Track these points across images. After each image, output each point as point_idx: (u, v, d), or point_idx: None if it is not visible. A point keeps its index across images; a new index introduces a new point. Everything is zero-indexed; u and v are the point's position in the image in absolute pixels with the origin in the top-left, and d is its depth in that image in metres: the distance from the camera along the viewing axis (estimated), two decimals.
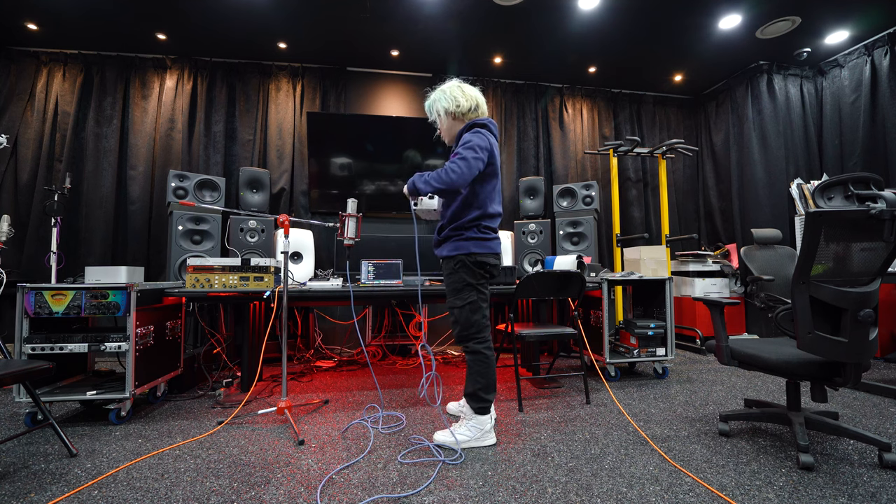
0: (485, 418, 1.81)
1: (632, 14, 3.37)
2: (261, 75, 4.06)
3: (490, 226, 1.89)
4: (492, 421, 1.84)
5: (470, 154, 1.72)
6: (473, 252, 1.82)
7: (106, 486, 1.47)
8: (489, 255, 1.87)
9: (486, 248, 1.86)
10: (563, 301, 3.38)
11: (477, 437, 1.79)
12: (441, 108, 1.91)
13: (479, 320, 1.85)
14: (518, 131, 4.50)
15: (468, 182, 1.73)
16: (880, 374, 2.86)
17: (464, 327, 1.84)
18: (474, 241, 1.83)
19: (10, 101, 3.65)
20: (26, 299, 2.01)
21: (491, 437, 1.83)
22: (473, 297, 1.84)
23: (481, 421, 1.81)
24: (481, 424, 1.80)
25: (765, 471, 1.56)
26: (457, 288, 1.84)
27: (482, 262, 1.84)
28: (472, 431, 1.79)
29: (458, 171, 1.69)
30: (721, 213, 4.60)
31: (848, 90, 3.83)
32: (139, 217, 3.73)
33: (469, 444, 1.78)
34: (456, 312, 1.85)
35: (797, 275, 1.48)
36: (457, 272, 1.83)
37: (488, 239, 1.88)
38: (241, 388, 2.64)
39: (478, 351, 1.84)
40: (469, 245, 1.82)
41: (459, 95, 1.88)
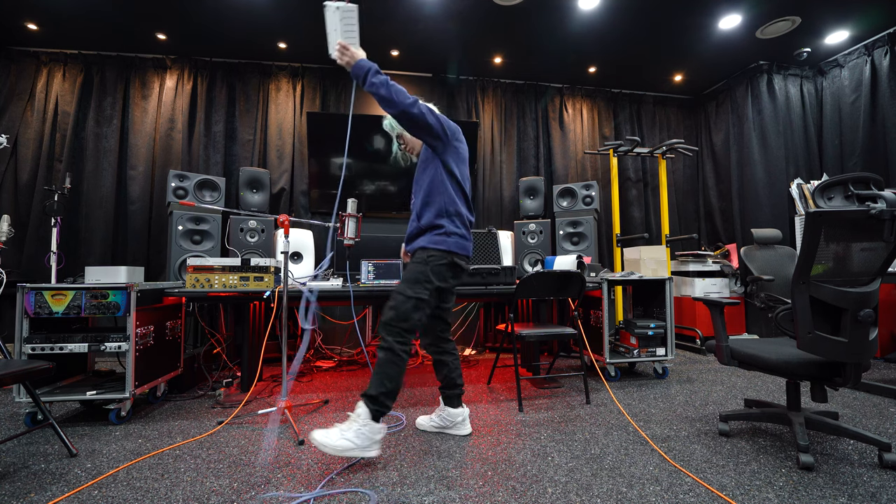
0: (378, 426, 1.59)
1: (632, 14, 3.37)
2: (261, 75, 4.06)
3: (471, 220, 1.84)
4: (383, 431, 1.62)
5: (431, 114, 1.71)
6: (452, 251, 1.72)
7: (106, 486, 1.47)
8: (465, 257, 1.79)
9: (465, 248, 1.78)
10: (563, 301, 3.38)
11: (364, 445, 1.55)
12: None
13: (416, 321, 1.67)
14: (518, 131, 4.50)
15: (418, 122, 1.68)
16: (880, 374, 2.86)
17: (398, 318, 1.64)
18: (456, 237, 1.74)
19: (10, 101, 3.65)
20: (26, 299, 2.01)
21: (375, 448, 1.59)
22: (425, 296, 1.68)
23: (374, 429, 1.58)
24: (374, 433, 1.57)
25: (765, 471, 1.56)
26: (416, 278, 1.69)
27: (456, 265, 1.74)
28: (360, 439, 1.54)
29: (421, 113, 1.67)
30: (721, 213, 4.59)
31: (848, 90, 3.83)
32: (139, 217, 3.73)
33: (351, 452, 1.53)
34: (399, 299, 1.67)
35: (797, 275, 1.48)
36: (425, 264, 1.70)
37: (467, 238, 1.81)
38: (241, 388, 2.64)
39: (394, 350, 1.63)
40: (449, 242, 1.72)
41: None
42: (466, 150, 1.87)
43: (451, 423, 1.92)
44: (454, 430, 1.93)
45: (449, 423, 1.92)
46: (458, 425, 1.92)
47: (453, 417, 1.92)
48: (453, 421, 1.92)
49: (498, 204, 4.35)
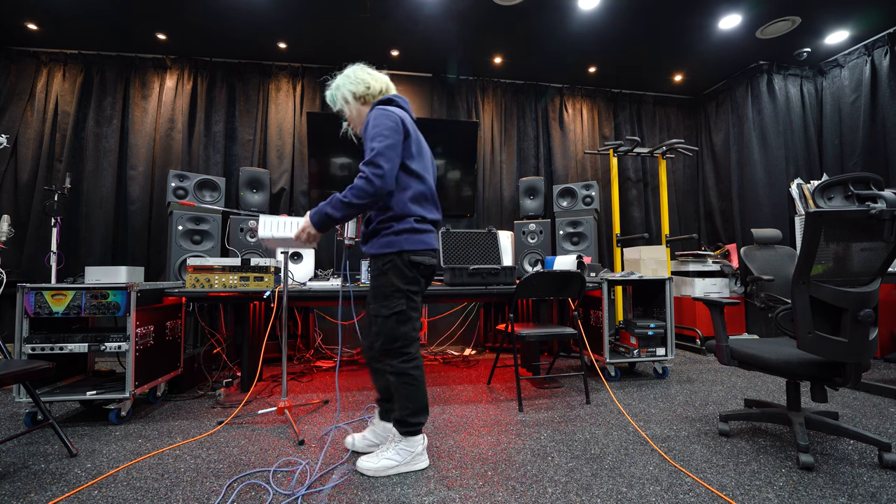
0: (416, 439, 1.57)
1: (632, 14, 3.37)
2: (261, 75, 4.06)
3: (424, 216, 1.62)
4: (424, 441, 1.61)
5: (380, 144, 1.47)
6: (405, 250, 1.56)
7: (106, 486, 1.47)
8: (425, 252, 1.60)
9: (422, 243, 1.59)
10: (563, 301, 3.38)
11: (406, 460, 1.55)
12: (348, 92, 1.68)
13: (408, 332, 1.57)
14: (518, 131, 4.50)
15: (393, 178, 1.50)
16: (880, 374, 2.86)
17: (388, 340, 1.55)
18: (406, 234, 1.56)
19: (10, 101, 3.65)
20: (26, 299, 2.01)
21: (423, 460, 1.59)
22: (402, 306, 1.55)
23: (412, 442, 1.56)
24: (412, 446, 1.56)
25: (765, 471, 1.56)
26: (384, 293, 1.56)
27: (416, 262, 1.57)
28: (401, 455, 1.54)
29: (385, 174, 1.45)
30: (721, 213, 4.59)
31: (848, 90, 3.83)
32: (139, 217, 3.73)
33: (396, 469, 1.53)
34: (380, 322, 1.56)
35: (797, 275, 1.48)
36: (385, 274, 1.56)
37: (423, 232, 1.61)
38: (241, 388, 2.64)
39: (404, 372, 1.55)
40: (401, 241, 1.55)
41: (368, 77, 1.67)
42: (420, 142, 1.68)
43: (386, 438, 1.72)
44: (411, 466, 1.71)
45: (383, 438, 1.73)
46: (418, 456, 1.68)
47: (388, 431, 1.72)
48: (388, 437, 1.71)
49: (498, 204, 4.35)
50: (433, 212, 1.66)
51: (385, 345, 1.56)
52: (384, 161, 1.46)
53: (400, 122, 1.55)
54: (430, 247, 1.62)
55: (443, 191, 4.17)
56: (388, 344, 1.56)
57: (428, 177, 1.65)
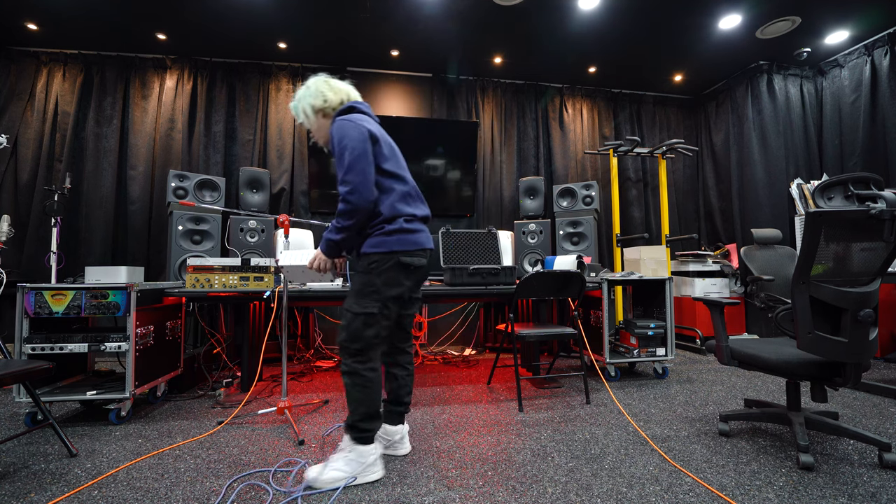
0: (367, 448, 1.50)
1: (632, 14, 3.37)
2: (261, 75, 4.06)
3: (414, 213, 1.58)
4: (377, 451, 1.53)
5: (350, 157, 1.46)
6: (395, 251, 1.51)
7: (106, 486, 1.47)
8: (416, 252, 1.56)
9: (413, 243, 1.55)
10: (563, 301, 3.38)
11: (357, 471, 1.47)
12: (307, 105, 1.67)
13: (370, 338, 1.50)
14: (518, 131, 4.50)
15: (373, 188, 1.49)
16: (880, 374, 2.86)
17: (349, 338, 1.50)
18: (398, 234, 1.52)
19: (10, 101, 3.65)
20: (26, 299, 2.01)
21: (376, 470, 1.51)
22: (374, 309, 1.49)
23: (362, 452, 1.49)
24: (362, 456, 1.48)
25: (765, 471, 1.56)
26: (362, 291, 1.52)
27: (406, 264, 1.53)
28: (350, 466, 1.46)
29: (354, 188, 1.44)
30: (721, 213, 4.59)
31: (848, 90, 3.83)
32: (139, 217, 3.73)
33: (344, 482, 1.44)
34: (348, 318, 1.51)
35: (797, 275, 1.48)
36: (368, 273, 1.51)
37: (415, 232, 1.57)
38: (241, 388, 2.64)
39: (357, 372, 1.49)
40: (391, 242, 1.51)
41: (326, 90, 1.66)
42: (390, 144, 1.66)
43: (388, 441, 1.70)
44: (391, 451, 1.70)
45: (385, 441, 1.70)
46: (396, 444, 1.71)
47: (390, 435, 1.70)
48: (390, 439, 1.70)
49: (498, 204, 4.35)
50: (421, 208, 1.65)
51: (345, 342, 1.51)
52: (353, 176, 1.46)
53: (364, 129, 1.53)
54: (422, 247, 1.58)
55: (443, 191, 4.18)
56: (348, 342, 1.50)
57: (406, 175, 1.64)
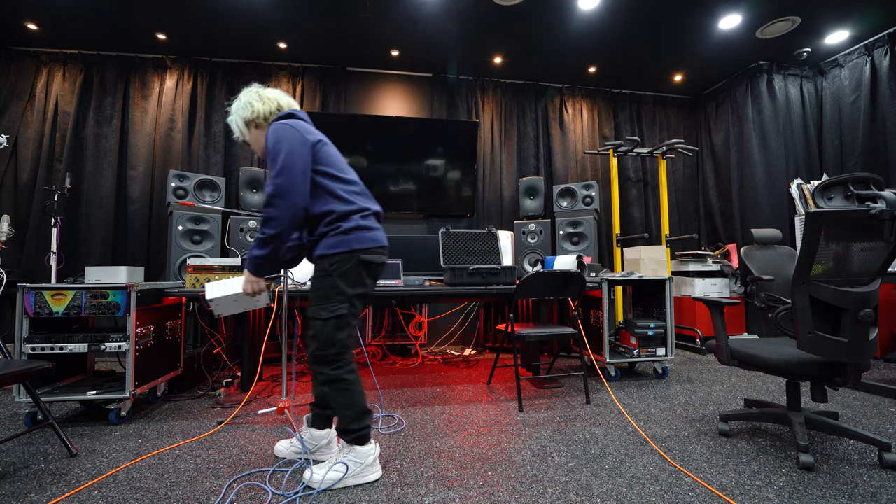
0: (365, 449, 1.48)
1: (632, 14, 3.37)
2: (261, 75, 4.06)
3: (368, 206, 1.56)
4: (375, 450, 1.52)
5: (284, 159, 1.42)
6: (356, 248, 1.48)
7: (106, 486, 1.47)
8: (376, 250, 1.54)
9: (372, 241, 1.53)
10: (563, 301, 3.38)
11: (356, 472, 1.46)
12: (238, 118, 1.64)
13: (344, 339, 1.48)
14: (518, 131, 4.50)
15: (304, 192, 1.44)
16: (880, 374, 2.86)
17: (323, 345, 1.46)
18: (356, 232, 1.49)
19: (10, 101, 3.65)
20: (26, 299, 2.01)
21: (375, 470, 1.51)
22: (344, 310, 1.47)
23: (360, 452, 1.48)
24: (361, 457, 1.47)
25: (765, 471, 1.56)
26: (326, 294, 1.47)
27: (367, 262, 1.51)
28: (349, 467, 1.46)
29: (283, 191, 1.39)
30: (721, 213, 4.59)
31: (848, 90, 3.83)
32: (139, 217, 3.73)
33: (343, 482, 1.45)
34: (318, 326, 1.47)
35: (797, 275, 1.48)
36: (330, 276, 1.47)
37: (373, 229, 1.55)
38: (241, 388, 2.64)
39: (339, 378, 1.47)
40: (350, 240, 1.48)
41: (255, 100, 1.63)
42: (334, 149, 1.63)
43: (315, 445, 1.66)
44: (318, 455, 1.65)
45: (311, 445, 1.66)
46: (323, 449, 1.66)
47: (317, 440, 1.66)
48: (317, 444, 1.66)
49: (498, 204, 4.35)
50: (374, 203, 1.63)
51: (319, 350, 1.47)
52: (284, 178, 1.41)
53: (301, 134, 1.50)
54: (381, 244, 1.56)
55: (443, 191, 4.18)
56: (322, 349, 1.47)
57: (353, 178, 1.61)
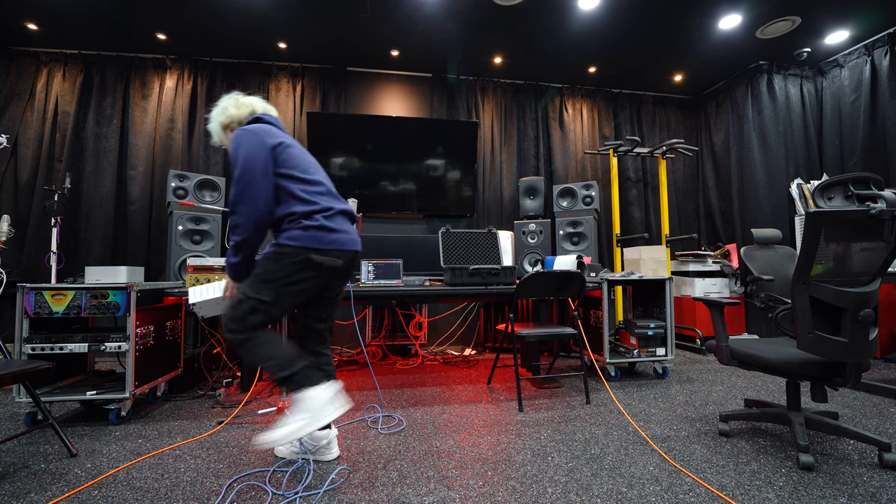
0: (310, 393, 1.42)
1: (632, 14, 3.37)
2: (261, 75, 4.06)
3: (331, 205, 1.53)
4: (326, 390, 1.45)
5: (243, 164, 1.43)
6: (308, 247, 1.46)
7: (106, 486, 1.47)
8: (332, 252, 1.50)
9: (331, 242, 1.50)
10: (563, 301, 3.38)
11: (307, 418, 1.40)
12: (216, 123, 1.67)
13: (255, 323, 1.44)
14: (518, 131, 4.50)
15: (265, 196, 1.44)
16: (880, 374, 2.86)
17: (232, 319, 1.44)
18: (315, 231, 1.47)
19: (10, 101, 3.65)
20: (26, 299, 2.01)
21: (330, 410, 1.43)
22: (267, 298, 1.44)
23: (309, 397, 1.42)
24: (312, 400, 1.42)
25: (765, 471, 1.56)
26: (262, 276, 1.46)
27: (316, 263, 1.47)
28: (299, 415, 1.41)
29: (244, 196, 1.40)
30: (721, 213, 4.59)
31: (848, 90, 3.83)
32: (139, 217, 3.73)
33: (299, 431, 1.39)
34: (238, 298, 1.47)
35: (797, 275, 1.48)
36: (272, 260, 1.46)
37: (335, 231, 1.51)
38: (240, 388, 2.64)
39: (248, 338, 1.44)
40: (307, 237, 1.46)
41: (231, 105, 1.65)
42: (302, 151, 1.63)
43: (314, 446, 1.65)
44: (318, 455, 1.66)
45: (311, 446, 1.65)
46: (323, 449, 1.66)
47: (317, 440, 1.65)
48: (316, 444, 1.65)
49: (498, 204, 4.35)
50: (341, 202, 1.61)
51: (230, 321, 1.45)
52: (241, 183, 1.41)
53: (263, 138, 1.50)
54: (340, 247, 1.52)
55: (443, 191, 4.18)
56: (232, 322, 1.44)
57: (320, 178, 1.60)
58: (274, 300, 1.46)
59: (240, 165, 1.44)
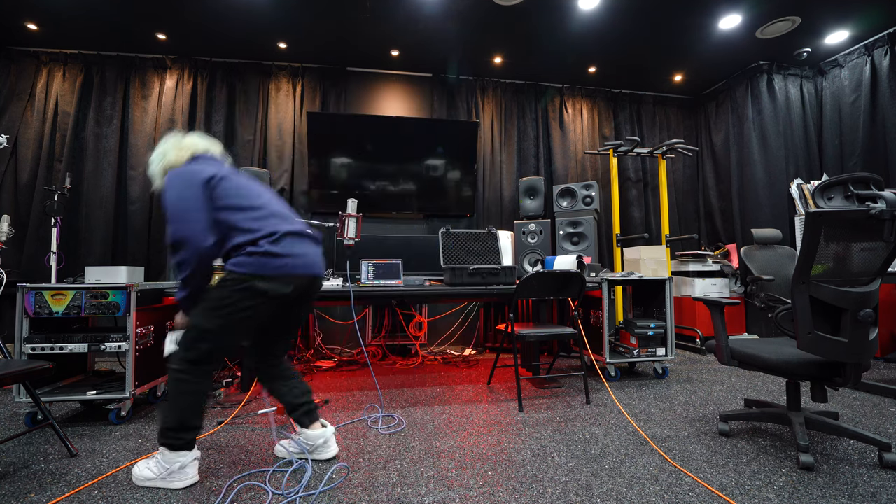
0: (174, 455, 1.42)
1: (632, 14, 3.37)
2: (261, 75, 4.06)
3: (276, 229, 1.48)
4: (187, 458, 1.44)
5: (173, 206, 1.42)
6: (254, 274, 1.41)
7: (106, 486, 1.47)
8: (277, 278, 1.45)
9: (278, 269, 1.45)
10: (563, 301, 3.38)
11: (162, 475, 1.43)
12: (157, 169, 1.59)
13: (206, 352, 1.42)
14: (518, 131, 4.50)
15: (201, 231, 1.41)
16: (880, 374, 2.86)
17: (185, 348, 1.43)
18: (259, 257, 1.42)
19: (10, 101, 3.65)
20: (26, 299, 2.01)
21: (183, 477, 1.43)
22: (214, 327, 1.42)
23: (170, 458, 1.42)
24: (169, 461, 1.42)
25: (765, 471, 1.56)
26: (211, 306, 1.42)
27: (261, 290, 1.42)
28: (156, 469, 1.43)
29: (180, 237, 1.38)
30: (721, 213, 4.59)
31: (848, 90, 3.83)
32: (139, 217, 3.73)
33: (152, 482, 1.44)
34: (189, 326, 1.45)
35: (797, 275, 1.48)
36: (221, 288, 1.43)
37: (282, 255, 1.46)
38: (240, 388, 2.64)
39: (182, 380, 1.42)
40: (251, 263, 1.42)
41: (170, 149, 1.58)
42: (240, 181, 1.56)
43: (311, 446, 1.64)
44: (316, 455, 1.64)
45: (308, 446, 1.64)
46: (320, 448, 1.64)
47: (312, 440, 1.64)
48: (313, 444, 1.64)
49: (498, 204, 4.35)
50: (289, 223, 1.55)
51: (181, 350, 1.43)
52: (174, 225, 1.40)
53: (192, 175, 1.48)
54: (288, 272, 1.47)
55: (443, 191, 4.18)
56: (183, 351, 1.42)
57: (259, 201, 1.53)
58: (219, 328, 1.43)
59: (172, 205, 1.43)
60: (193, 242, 1.40)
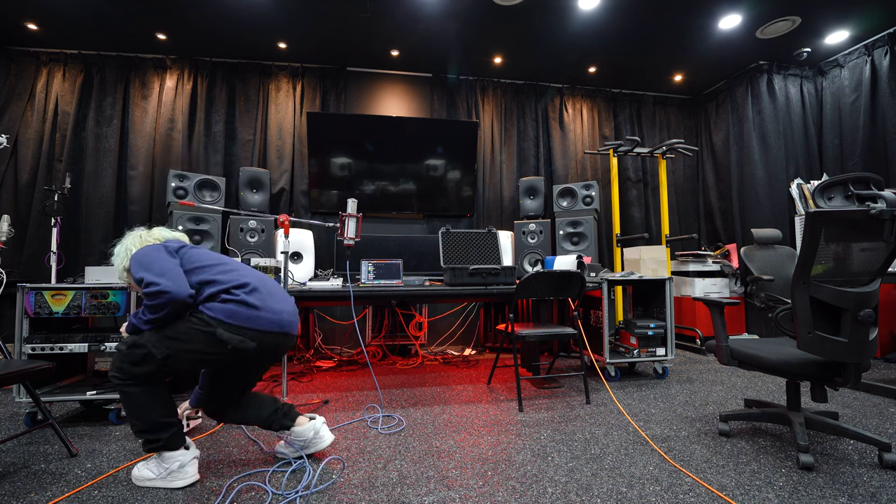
0: (168, 455, 1.45)
1: (632, 14, 3.37)
2: (261, 75, 4.06)
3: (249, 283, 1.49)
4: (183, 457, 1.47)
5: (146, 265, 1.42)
6: (218, 319, 1.40)
7: (106, 486, 1.47)
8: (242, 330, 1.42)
9: (246, 319, 1.42)
10: (563, 301, 3.38)
11: (162, 475, 1.45)
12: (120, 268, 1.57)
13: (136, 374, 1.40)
14: (518, 131, 4.50)
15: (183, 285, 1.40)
16: (880, 374, 2.86)
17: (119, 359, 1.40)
18: (233, 305, 1.42)
19: (10, 101, 3.65)
20: (26, 299, 2.01)
21: (182, 476, 1.46)
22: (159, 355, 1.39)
23: (165, 458, 1.46)
24: (165, 462, 1.45)
25: (765, 471, 1.56)
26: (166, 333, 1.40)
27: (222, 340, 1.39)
28: (155, 470, 1.46)
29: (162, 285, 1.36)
30: (721, 213, 4.59)
31: (848, 90, 3.83)
32: (139, 217, 3.73)
33: (152, 482, 1.46)
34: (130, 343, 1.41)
35: (797, 275, 1.48)
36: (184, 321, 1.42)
37: (257, 307, 1.45)
38: None
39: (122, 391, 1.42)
40: (221, 309, 1.41)
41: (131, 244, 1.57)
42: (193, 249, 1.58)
43: (304, 441, 1.64)
44: (311, 449, 1.65)
45: (301, 443, 1.64)
46: (313, 441, 1.64)
47: (303, 435, 1.63)
48: (304, 440, 1.64)
49: (498, 204, 4.35)
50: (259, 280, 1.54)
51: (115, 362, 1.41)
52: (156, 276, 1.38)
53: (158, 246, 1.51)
54: (259, 327, 1.45)
55: (443, 191, 4.18)
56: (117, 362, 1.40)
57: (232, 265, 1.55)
58: (166, 357, 1.40)
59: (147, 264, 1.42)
60: (174, 291, 1.37)
